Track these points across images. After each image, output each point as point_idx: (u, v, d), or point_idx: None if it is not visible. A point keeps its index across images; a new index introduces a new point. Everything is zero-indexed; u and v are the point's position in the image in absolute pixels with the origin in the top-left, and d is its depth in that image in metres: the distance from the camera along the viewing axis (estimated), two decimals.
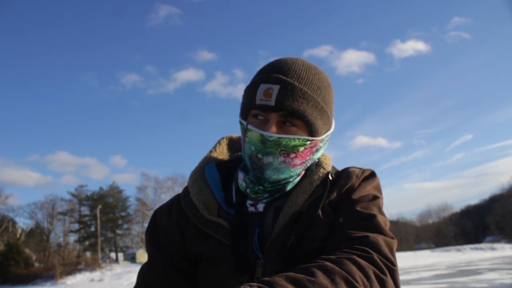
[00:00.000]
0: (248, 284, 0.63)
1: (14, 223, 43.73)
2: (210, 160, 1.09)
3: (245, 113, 0.94)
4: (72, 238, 49.63)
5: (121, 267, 34.04)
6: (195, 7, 73.03)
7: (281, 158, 0.90)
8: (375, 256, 0.78)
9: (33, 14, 63.43)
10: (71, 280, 29.70)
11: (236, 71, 71.54)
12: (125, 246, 52.02)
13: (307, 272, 0.69)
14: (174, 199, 1.07)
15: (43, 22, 65.17)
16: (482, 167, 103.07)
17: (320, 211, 0.92)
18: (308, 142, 0.92)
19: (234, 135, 1.18)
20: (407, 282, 14.33)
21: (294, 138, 0.90)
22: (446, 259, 36.10)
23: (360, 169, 1.02)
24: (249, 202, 0.96)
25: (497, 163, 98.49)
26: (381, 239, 0.83)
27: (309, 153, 0.94)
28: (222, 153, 1.13)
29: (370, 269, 0.75)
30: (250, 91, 0.92)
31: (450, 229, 70.14)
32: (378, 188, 1.00)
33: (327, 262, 0.73)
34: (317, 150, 0.97)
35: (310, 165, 1.00)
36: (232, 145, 1.16)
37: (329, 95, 0.96)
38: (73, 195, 49.05)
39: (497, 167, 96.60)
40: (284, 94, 0.87)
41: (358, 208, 0.91)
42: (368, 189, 0.97)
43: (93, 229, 48.07)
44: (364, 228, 0.86)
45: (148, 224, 1.06)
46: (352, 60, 77.44)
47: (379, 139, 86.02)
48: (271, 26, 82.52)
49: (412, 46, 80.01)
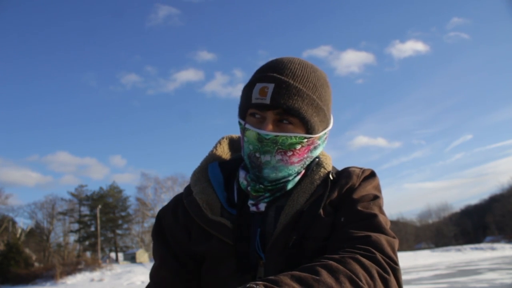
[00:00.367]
0: (253, 282, 0.64)
1: (14, 223, 43.83)
2: (212, 159, 1.09)
3: (243, 112, 0.95)
4: (72, 238, 49.79)
5: (121, 267, 34.06)
6: (195, 8, 73.09)
7: (278, 157, 0.91)
8: (378, 255, 0.79)
9: (33, 14, 63.57)
10: (71, 280, 29.72)
11: (235, 71, 71.63)
12: (125, 246, 52.06)
13: (312, 271, 0.70)
14: (178, 200, 1.06)
15: (43, 22, 65.32)
16: (482, 167, 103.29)
17: (321, 211, 0.93)
18: (305, 140, 0.92)
19: (234, 135, 1.19)
20: (407, 282, 14.33)
21: (290, 136, 0.90)
22: (446, 259, 36.11)
23: (360, 169, 1.02)
24: (250, 202, 0.96)
25: (497, 163, 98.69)
26: (383, 239, 0.84)
27: (306, 150, 0.94)
28: (223, 152, 1.13)
29: (374, 268, 0.76)
30: (246, 91, 0.93)
31: (450, 229, 70.18)
32: (378, 188, 1.01)
33: (331, 261, 0.74)
34: (315, 148, 0.97)
35: (310, 164, 1.00)
36: (232, 144, 1.17)
37: (326, 93, 0.96)
38: (73, 195, 49.15)
39: (497, 167, 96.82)
40: (279, 92, 0.88)
41: (359, 207, 0.91)
42: (368, 188, 0.97)
43: (93, 229, 48.08)
44: (366, 227, 0.87)
45: (153, 226, 1.06)
46: (351, 60, 77.40)
47: (379, 139, 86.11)
48: (271, 27, 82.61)
49: (411, 47, 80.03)
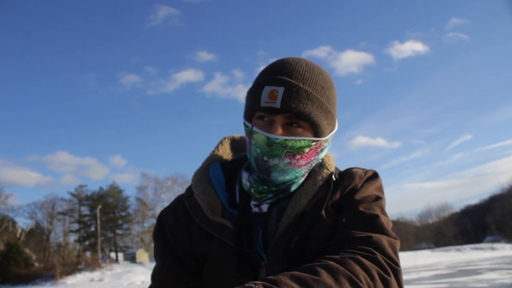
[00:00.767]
0: (252, 282, 0.64)
1: (14, 223, 43.83)
2: (214, 160, 1.08)
3: (249, 115, 0.94)
4: (72, 238, 49.80)
5: (121, 267, 34.06)
6: (194, 8, 73.00)
7: (287, 160, 0.90)
8: (379, 256, 0.79)
9: (33, 14, 63.52)
10: (71, 280, 29.72)
11: (235, 72, 71.84)
12: (125, 246, 52.07)
13: (312, 271, 0.70)
14: (179, 201, 1.05)
15: (43, 23, 65.29)
16: (481, 167, 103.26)
17: (323, 212, 0.92)
18: (313, 143, 0.92)
19: (236, 135, 1.17)
20: (407, 282, 14.32)
21: (300, 140, 0.89)
22: (446, 259, 36.12)
23: (363, 169, 1.02)
24: (253, 202, 0.96)
25: (496, 163, 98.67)
26: (384, 240, 0.83)
27: (314, 153, 0.94)
28: (225, 153, 1.12)
29: (374, 269, 0.75)
30: (254, 93, 0.92)
31: (450, 229, 70.15)
32: (381, 189, 1.00)
33: (331, 262, 0.73)
34: (321, 150, 0.97)
35: (313, 165, 0.99)
36: (234, 145, 1.15)
37: (332, 95, 0.96)
38: (73, 195, 49.17)
39: (496, 167, 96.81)
40: (289, 96, 0.87)
41: (361, 208, 0.91)
42: (370, 189, 0.97)
43: (93, 229, 48.08)
44: (367, 228, 0.86)
45: (154, 227, 1.06)
46: (350, 60, 77.39)
47: (378, 139, 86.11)
48: (270, 27, 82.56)
49: (410, 47, 79.81)
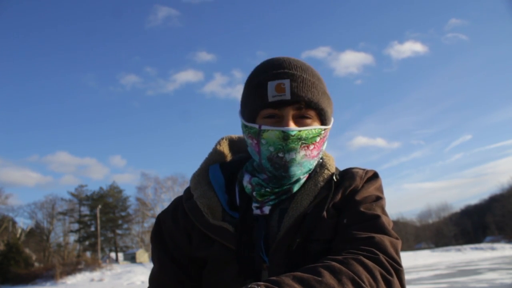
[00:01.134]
0: (255, 283, 0.64)
1: (14, 223, 43.85)
2: (213, 161, 1.07)
3: (253, 116, 0.93)
4: (72, 238, 49.75)
5: (121, 267, 34.06)
6: (194, 9, 73.13)
7: (302, 152, 0.90)
8: (381, 257, 0.78)
9: (33, 15, 63.50)
10: (71, 280, 29.72)
11: (235, 72, 71.57)
12: (125, 246, 52.06)
13: (314, 272, 0.70)
14: (178, 203, 1.04)
15: (43, 23, 65.27)
16: (481, 167, 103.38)
17: (325, 213, 0.92)
18: (322, 132, 0.93)
19: (233, 136, 1.16)
20: (407, 282, 14.20)
21: (312, 129, 0.90)
22: (446, 259, 36.11)
23: (363, 170, 1.02)
24: (254, 204, 0.95)
25: (496, 163, 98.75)
26: (386, 240, 0.84)
27: (322, 142, 0.95)
28: (224, 154, 1.10)
29: (377, 270, 0.75)
30: (256, 92, 0.91)
31: (450, 229, 70.16)
32: (381, 189, 1.01)
33: (334, 263, 0.73)
34: (326, 140, 0.97)
35: (320, 157, 0.99)
36: (232, 145, 1.14)
37: (325, 85, 0.98)
38: (73, 195, 49.14)
39: (496, 167, 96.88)
40: (297, 87, 0.89)
41: (362, 209, 0.91)
42: (371, 190, 0.97)
43: (93, 229, 48.07)
44: (369, 229, 0.86)
45: (152, 229, 1.05)
46: (350, 61, 77.62)
47: (378, 140, 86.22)
48: (270, 28, 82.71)
49: (409, 48, 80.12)
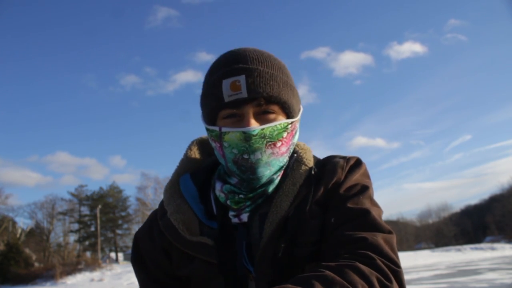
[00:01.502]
0: None
1: (14, 223, 43.78)
2: (183, 170, 1.00)
3: (212, 118, 0.87)
4: (72, 238, 49.69)
5: (121, 267, 34.01)
6: (194, 9, 73.35)
7: (269, 151, 0.84)
8: (378, 260, 0.72)
9: (32, 15, 63.51)
10: (71, 280, 29.68)
11: None
12: (125, 246, 51.93)
13: (306, 283, 0.63)
14: (153, 220, 0.98)
15: (43, 24, 65.32)
16: (481, 167, 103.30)
17: (307, 214, 0.85)
18: (289, 126, 0.86)
19: (204, 136, 1.08)
20: (407, 282, 14.19)
21: (276, 125, 0.84)
22: (446, 259, 36.07)
23: (344, 158, 0.94)
24: (231, 213, 0.89)
25: (496, 163, 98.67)
26: (380, 238, 0.77)
27: (290, 137, 0.88)
28: (195, 159, 1.03)
29: (374, 276, 0.68)
30: (211, 93, 0.85)
31: (450, 229, 70.04)
32: (366, 173, 0.93)
33: (328, 272, 0.67)
34: (296, 132, 0.91)
35: (289, 162, 0.93)
36: (203, 148, 1.06)
37: (289, 72, 0.91)
38: (73, 195, 49.09)
39: (496, 167, 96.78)
40: (253, 82, 0.81)
41: (349, 204, 0.84)
42: (355, 178, 0.90)
43: (93, 229, 48.04)
44: (359, 227, 0.80)
45: (131, 250, 0.99)
46: (349, 61, 77.83)
47: (378, 140, 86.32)
48: (269, 28, 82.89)
49: (409, 48, 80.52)
